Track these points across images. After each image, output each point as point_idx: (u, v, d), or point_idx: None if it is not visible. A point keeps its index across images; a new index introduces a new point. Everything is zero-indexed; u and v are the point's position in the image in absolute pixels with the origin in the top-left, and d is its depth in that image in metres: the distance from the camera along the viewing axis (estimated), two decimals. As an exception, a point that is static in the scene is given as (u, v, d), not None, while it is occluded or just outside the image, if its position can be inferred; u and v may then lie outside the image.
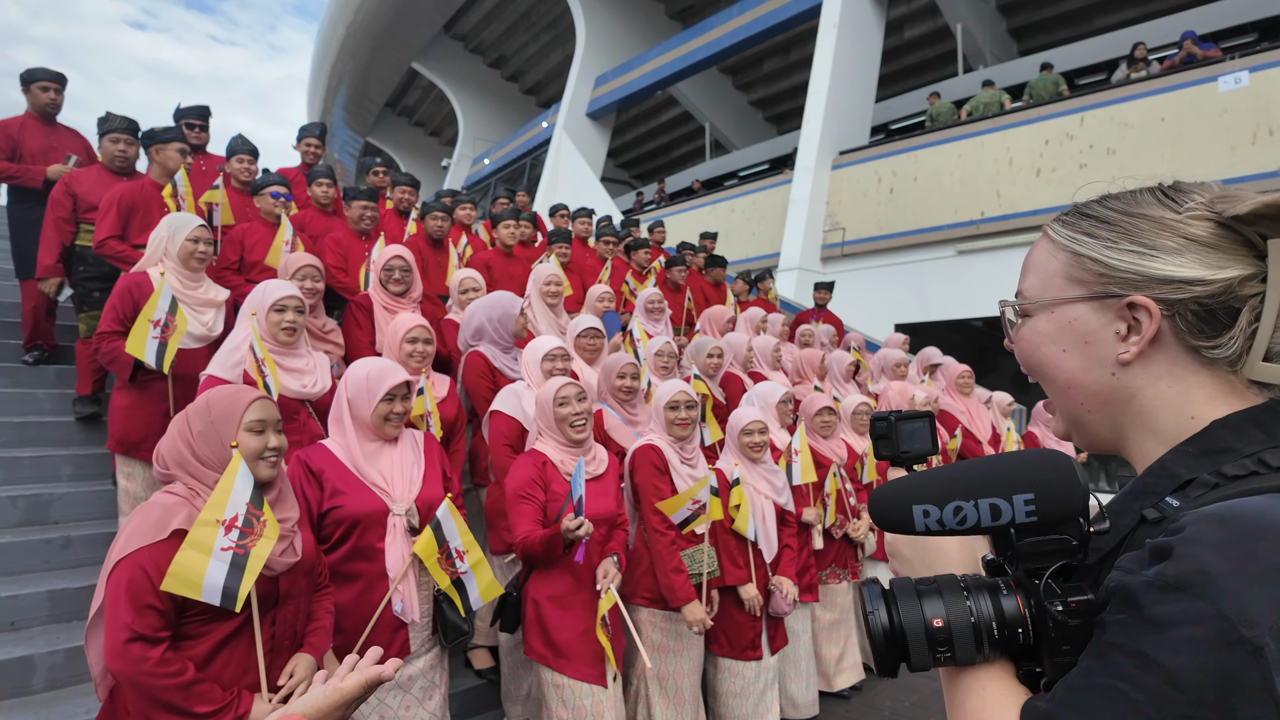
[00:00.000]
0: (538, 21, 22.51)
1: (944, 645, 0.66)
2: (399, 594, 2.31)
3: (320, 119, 29.94)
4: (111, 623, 1.64)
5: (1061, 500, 0.63)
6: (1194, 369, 0.66)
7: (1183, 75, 8.82)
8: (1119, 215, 0.69)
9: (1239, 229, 0.63)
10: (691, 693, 3.02)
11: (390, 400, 2.39)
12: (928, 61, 17.45)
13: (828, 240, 12.14)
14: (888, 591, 0.69)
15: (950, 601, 0.67)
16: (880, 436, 0.76)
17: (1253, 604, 0.49)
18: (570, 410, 2.72)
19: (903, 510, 0.67)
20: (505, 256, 5.36)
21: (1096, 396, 0.70)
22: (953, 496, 0.65)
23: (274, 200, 4.27)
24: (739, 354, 5.00)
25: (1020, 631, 0.65)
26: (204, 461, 1.82)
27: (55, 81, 4.62)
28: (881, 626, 0.67)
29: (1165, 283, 0.65)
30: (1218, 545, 0.52)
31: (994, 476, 0.65)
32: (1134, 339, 0.67)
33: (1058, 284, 0.72)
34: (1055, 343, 0.72)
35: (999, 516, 0.64)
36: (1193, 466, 0.63)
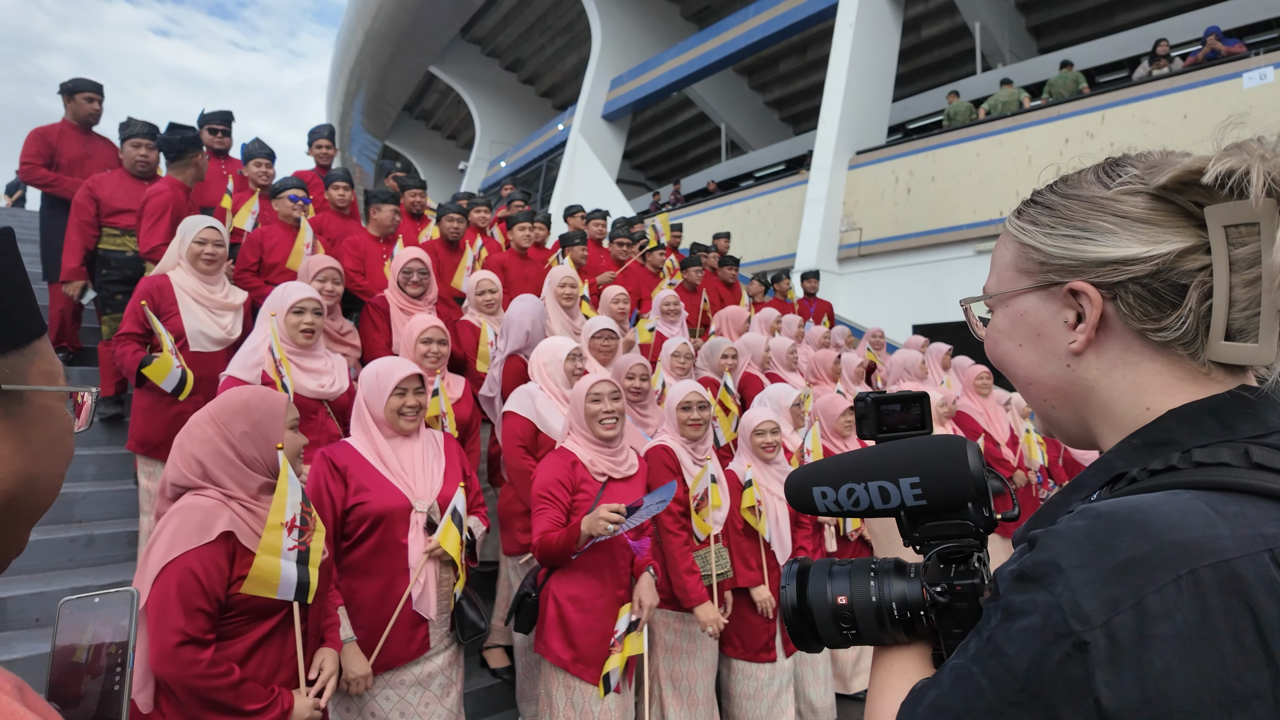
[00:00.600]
0: (554, 24, 22.60)
1: (848, 623, 0.68)
2: (418, 585, 2.34)
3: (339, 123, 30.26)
4: (160, 627, 1.64)
5: (948, 485, 0.64)
6: (1147, 355, 0.62)
7: (1206, 72, 8.68)
8: (1058, 199, 0.66)
9: (1173, 199, 0.59)
10: (705, 694, 3.01)
11: (401, 394, 2.42)
12: (945, 60, 17.32)
13: (844, 240, 12.07)
14: (802, 570, 0.72)
15: (856, 582, 0.68)
16: (861, 417, 0.76)
17: (1089, 599, 0.48)
18: (601, 408, 2.70)
19: (804, 491, 0.70)
20: (520, 258, 5.38)
21: (1056, 391, 0.68)
22: (846, 479, 0.67)
23: (293, 204, 4.32)
24: (756, 355, 4.99)
25: (923, 614, 0.66)
26: (249, 463, 1.84)
27: (98, 93, 4.76)
28: (790, 601, 0.70)
29: (1101, 265, 0.61)
30: (1077, 539, 0.51)
31: (884, 461, 0.66)
32: (1080, 327, 0.64)
33: (1009, 277, 0.70)
34: (1011, 338, 0.70)
35: (888, 499, 0.66)
36: (1131, 460, 0.60)
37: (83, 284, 4.30)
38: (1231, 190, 0.56)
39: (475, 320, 4.12)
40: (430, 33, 23.18)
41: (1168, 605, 0.46)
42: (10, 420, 0.55)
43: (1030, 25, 16.11)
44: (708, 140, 22.87)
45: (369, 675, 2.22)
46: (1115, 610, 0.47)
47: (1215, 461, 0.55)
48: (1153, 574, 0.47)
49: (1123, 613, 0.47)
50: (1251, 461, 0.54)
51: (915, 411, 0.75)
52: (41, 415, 0.58)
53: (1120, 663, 0.46)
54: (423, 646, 2.37)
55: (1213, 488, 0.53)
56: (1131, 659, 0.46)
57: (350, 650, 2.20)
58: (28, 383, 0.56)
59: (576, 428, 2.78)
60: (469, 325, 4.11)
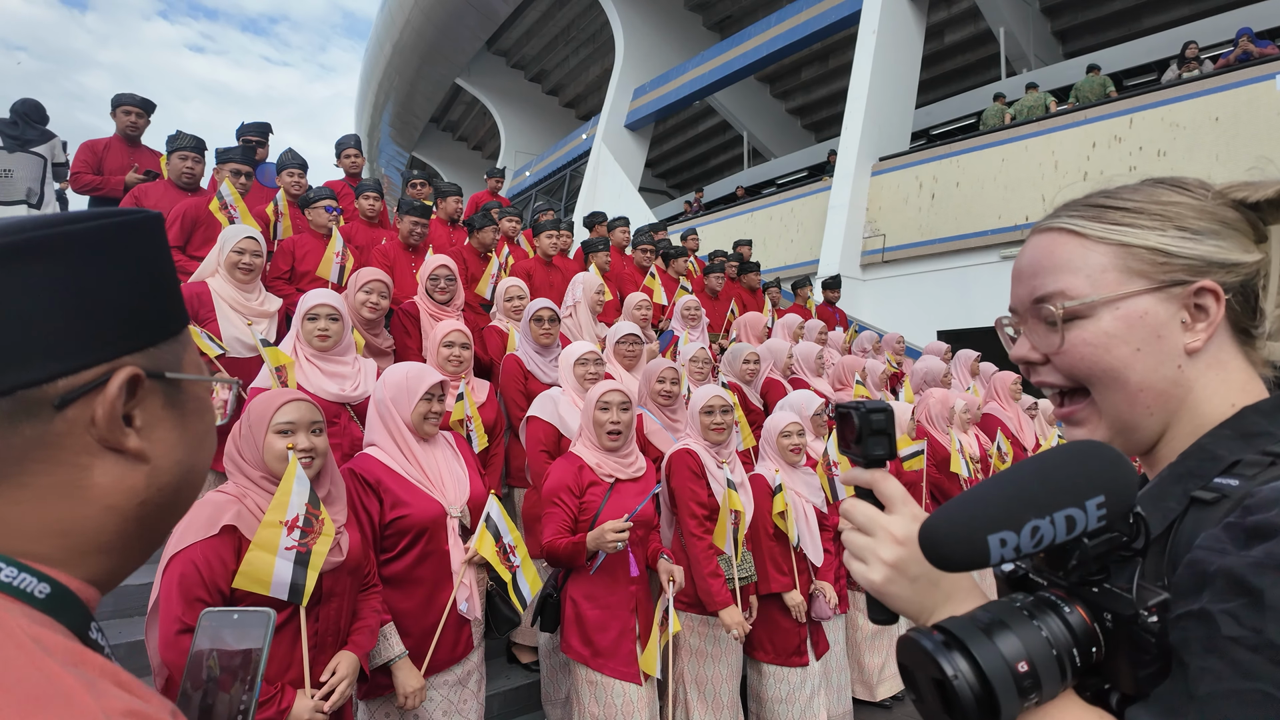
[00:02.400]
0: (577, 36, 22.80)
1: (1034, 689, 0.55)
2: (465, 588, 2.37)
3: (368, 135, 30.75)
4: (165, 615, 1.71)
5: (1127, 495, 0.56)
6: (1234, 354, 0.66)
7: (1237, 74, 8.54)
8: (1151, 204, 0.67)
9: (1247, 214, 0.65)
10: (730, 698, 3.02)
11: (429, 400, 2.44)
12: (969, 66, 17.19)
13: (868, 247, 12.01)
14: (951, 638, 0.56)
15: (1024, 634, 0.55)
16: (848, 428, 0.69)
17: None
18: (608, 416, 2.75)
19: (977, 543, 0.55)
20: (545, 265, 5.46)
21: (1163, 395, 0.66)
22: (1028, 517, 0.55)
23: (328, 215, 4.42)
24: (779, 360, 5.00)
25: (1094, 650, 0.57)
26: (247, 461, 1.93)
27: (139, 107, 4.95)
28: (971, 689, 0.53)
29: (1222, 266, 0.64)
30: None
31: (1062, 484, 0.56)
32: (1200, 325, 0.65)
33: (1113, 278, 0.66)
34: (1127, 342, 0.66)
35: (1074, 528, 0.55)
36: (1235, 449, 0.61)
37: None
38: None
39: (503, 326, 4.19)
40: (456, 45, 23.50)
41: None
42: (173, 410, 0.55)
43: (1056, 30, 15.95)
44: (730, 148, 22.89)
45: (424, 688, 2.23)
46: None
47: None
48: None
49: None
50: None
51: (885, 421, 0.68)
52: (197, 405, 0.57)
53: None
54: (467, 647, 2.42)
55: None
56: None
57: (404, 665, 2.20)
58: (184, 371, 0.56)
59: (585, 432, 2.83)
60: (496, 330, 4.18)
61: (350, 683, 1.97)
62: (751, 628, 3.10)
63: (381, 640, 2.19)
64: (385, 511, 2.29)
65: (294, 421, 1.95)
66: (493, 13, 21.83)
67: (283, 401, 1.96)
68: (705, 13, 20.39)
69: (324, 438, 2.03)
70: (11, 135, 5.33)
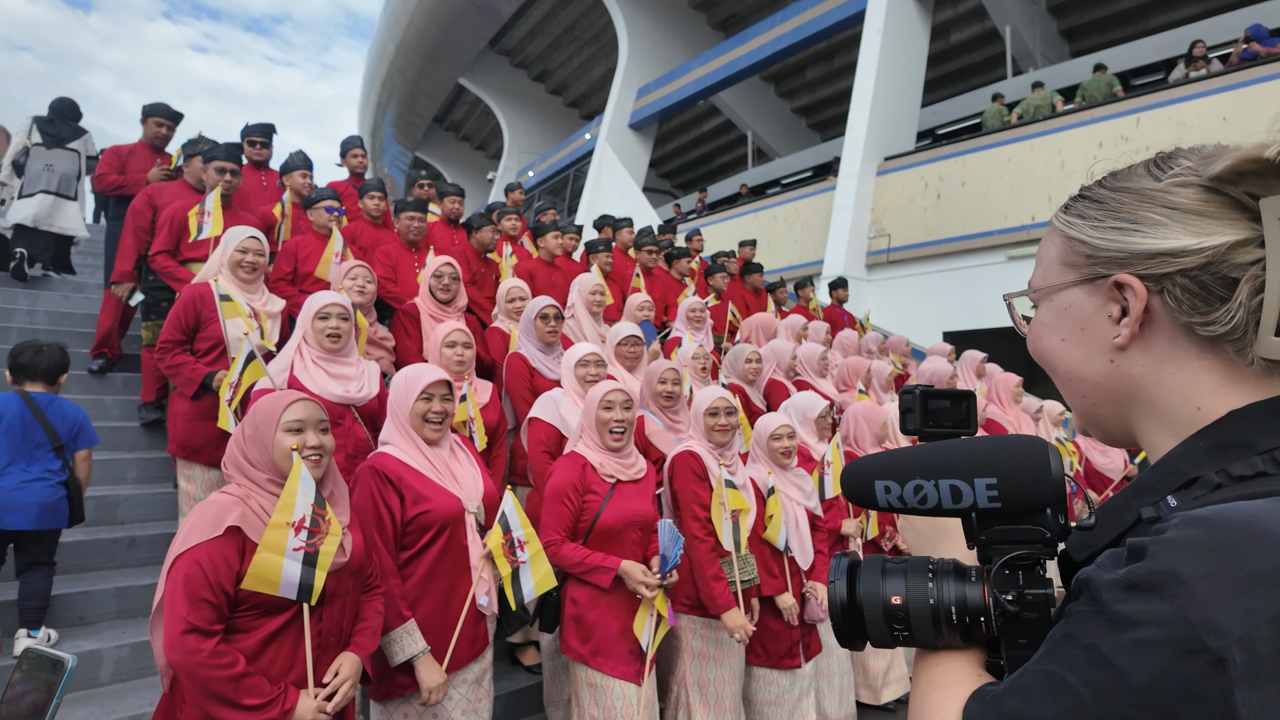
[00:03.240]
0: (581, 35, 22.81)
1: (901, 623, 0.65)
2: (484, 583, 2.38)
3: (371, 135, 30.83)
4: (170, 615, 1.72)
5: (1027, 488, 0.61)
6: (1195, 352, 0.60)
7: (1246, 73, 8.49)
8: (1108, 193, 0.66)
9: (1226, 191, 0.58)
10: (732, 701, 3.00)
11: (427, 400, 2.42)
12: (975, 65, 17.15)
13: (873, 247, 11.98)
14: (854, 565, 0.69)
15: (913, 581, 0.65)
16: (906, 410, 0.74)
17: (1222, 612, 0.45)
18: (612, 416, 2.76)
19: (865, 484, 0.66)
20: (548, 266, 5.44)
21: (1099, 388, 0.66)
22: (914, 475, 0.64)
23: (329, 215, 4.41)
24: (783, 361, 4.98)
25: (982, 620, 0.63)
26: (253, 463, 1.92)
27: (167, 118, 5.17)
28: (839, 598, 0.67)
29: (1149, 257, 0.60)
30: (1195, 548, 0.49)
31: (959, 458, 0.63)
32: (1125, 321, 0.62)
33: (1054, 271, 0.69)
34: (1055, 332, 0.69)
35: (959, 499, 0.62)
36: (1202, 463, 0.58)
37: (132, 286, 4.43)
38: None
39: (505, 327, 4.17)
40: (459, 45, 23.54)
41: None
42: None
43: (1062, 29, 15.90)
44: (734, 148, 22.88)
45: (446, 683, 2.23)
46: (1251, 624, 0.45)
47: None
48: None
49: (1261, 626, 0.45)
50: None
51: (963, 409, 0.73)
52: None
53: (1260, 680, 0.44)
54: (484, 643, 2.42)
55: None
56: (1274, 675, 0.44)
57: (425, 662, 2.20)
58: None
59: (588, 432, 2.82)
60: (499, 331, 4.16)
61: (353, 684, 1.98)
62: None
63: (405, 637, 2.19)
64: (407, 507, 2.29)
65: (303, 420, 1.96)
66: (496, 12, 21.85)
67: (290, 401, 1.97)
68: (709, 12, 20.38)
69: (330, 436, 2.04)
70: (49, 133, 5.64)
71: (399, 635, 2.19)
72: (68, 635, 3.09)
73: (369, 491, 2.26)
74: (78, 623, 3.21)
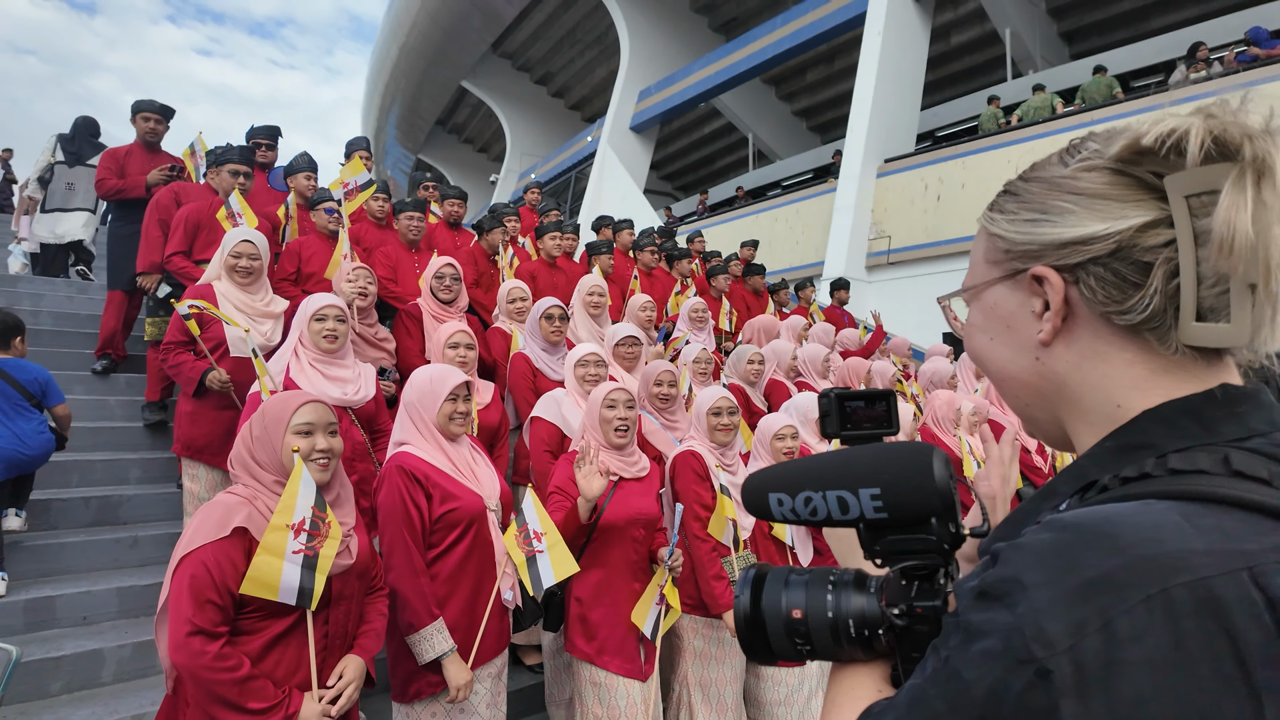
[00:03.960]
0: (583, 38, 22.85)
1: (803, 637, 0.64)
2: (508, 578, 2.40)
3: (374, 137, 30.86)
4: (175, 616, 1.71)
5: (911, 498, 0.59)
6: (1118, 344, 0.57)
7: (1245, 75, 8.50)
8: (1023, 184, 0.63)
9: (1131, 172, 0.54)
10: (734, 700, 3.00)
11: (454, 400, 2.45)
12: (975, 67, 17.16)
13: (873, 248, 11.99)
14: (758, 577, 0.67)
15: (812, 594, 0.64)
16: (824, 414, 0.72)
17: (1054, 620, 0.43)
18: (615, 414, 2.78)
19: (760, 497, 0.65)
20: (549, 267, 5.46)
21: (1028, 387, 0.64)
22: (804, 486, 0.62)
23: (327, 216, 4.43)
24: (783, 362, 4.99)
25: (881, 633, 0.62)
26: (261, 464, 1.92)
27: (156, 113, 5.07)
28: (743, 610, 0.66)
29: (1060, 246, 0.57)
30: (1042, 553, 0.47)
31: (844, 469, 0.61)
32: (1047, 314, 0.59)
33: (980, 269, 0.66)
34: (984, 332, 0.66)
35: (847, 510, 0.61)
36: (1106, 466, 0.55)
37: (159, 278, 4.42)
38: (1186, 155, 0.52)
39: (506, 328, 4.19)
40: (462, 48, 23.58)
41: (1138, 628, 0.42)
42: None
43: (1062, 31, 15.91)
44: (735, 150, 22.89)
45: (473, 680, 2.24)
46: (1081, 634, 0.43)
47: (1192, 469, 0.50)
48: (1121, 593, 0.43)
49: (1089, 636, 0.42)
50: (1231, 469, 0.49)
51: (881, 409, 0.71)
52: None
53: (1087, 692, 0.42)
54: (506, 637, 2.45)
55: (1189, 498, 0.48)
56: (1100, 688, 0.42)
57: (453, 660, 2.21)
58: None
59: (590, 431, 2.83)
60: (500, 332, 4.18)
61: (357, 686, 1.98)
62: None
63: (435, 635, 2.20)
64: (435, 506, 2.30)
65: (312, 422, 1.96)
66: (498, 15, 21.89)
67: (300, 403, 1.97)
68: (711, 15, 20.41)
69: (339, 439, 2.04)
70: (71, 151, 5.94)
71: (429, 633, 2.19)
72: (70, 635, 3.11)
73: (397, 490, 2.26)
74: (80, 622, 3.22)
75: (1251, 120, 0.52)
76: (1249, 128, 0.52)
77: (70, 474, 3.96)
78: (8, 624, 3.08)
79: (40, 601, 3.16)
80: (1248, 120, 0.52)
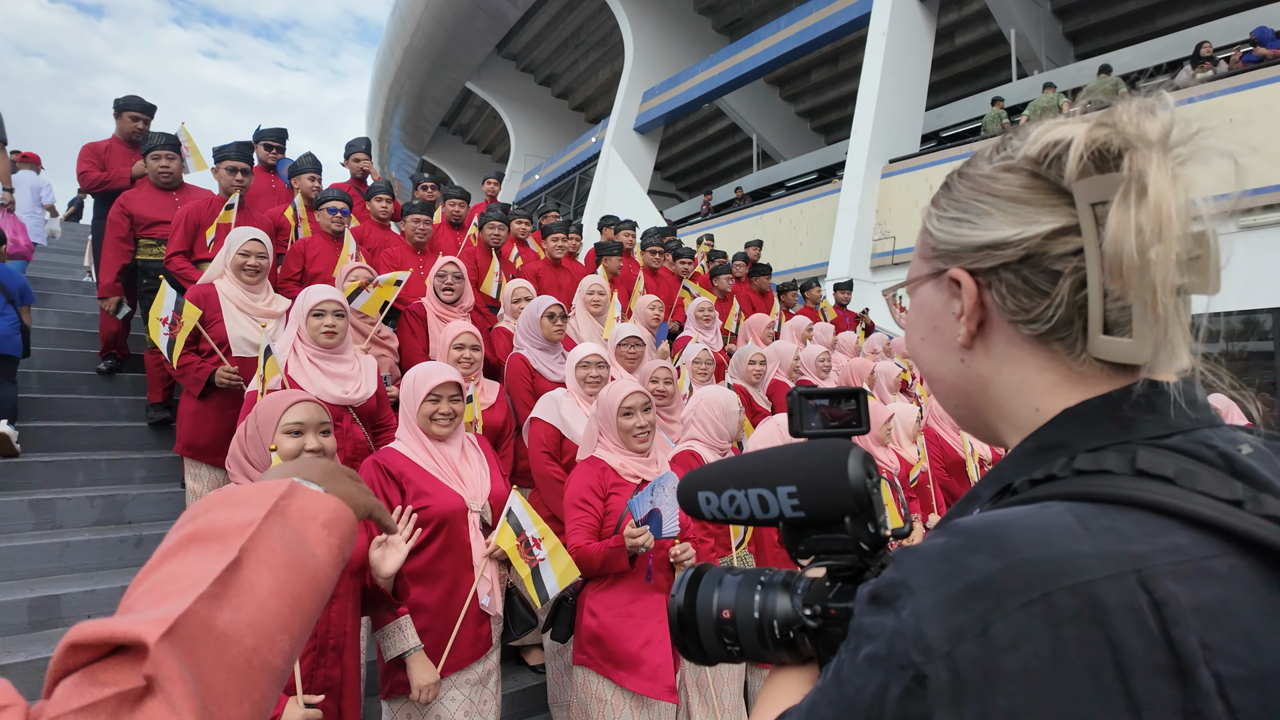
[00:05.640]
0: (587, 39, 22.88)
1: (731, 638, 0.63)
2: (486, 582, 2.36)
3: (379, 139, 30.95)
4: None
5: (826, 496, 0.57)
6: (1029, 350, 0.55)
7: (1252, 75, 8.46)
8: (956, 179, 0.60)
9: (1046, 175, 0.52)
10: (732, 701, 2.98)
11: (435, 401, 2.42)
12: (980, 68, 17.13)
13: (877, 249, 11.98)
14: (695, 577, 0.66)
15: (741, 594, 0.63)
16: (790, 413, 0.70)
17: (933, 625, 0.42)
18: (634, 422, 2.68)
19: (691, 495, 0.64)
20: (554, 267, 5.46)
21: (955, 389, 0.62)
22: (728, 484, 0.62)
23: (331, 215, 4.44)
24: (785, 362, 4.98)
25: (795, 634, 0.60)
26: (253, 463, 1.94)
27: (143, 112, 5.03)
28: (675, 609, 0.65)
29: (976, 250, 0.55)
30: (931, 557, 0.45)
31: (765, 467, 0.60)
32: (963, 318, 0.57)
33: (915, 265, 0.64)
34: (915, 329, 0.64)
35: (767, 509, 0.60)
36: (1023, 467, 0.53)
37: (118, 300, 4.43)
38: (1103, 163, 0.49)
39: (511, 327, 4.19)
40: (466, 49, 23.63)
41: (1016, 634, 0.40)
42: None
43: (1067, 31, 15.87)
44: (739, 151, 22.88)
45: (437, 683, 2.21)
46: (959, 640, 0.41)
47: (1096, 469, 0.48)
48: (1001, 598, 0.41)
49: (966, 642, 0.41)
50: (1135, 468, 0.47)
51: (849, 407, 0.69)
52: None
53: (962, 701, 0.40)
54: (486, 644, 2.40)
55: (1087, 498, 0.46)
56: (974, 697, 0.40)
57: (418, 659, 2.18)
58: None
59: (606, 434, 2.76)
60: (505, 332, 4.18)
61: None
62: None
63: (397, 632, 2.18)
64: (406, 502, 2.29)
65: (303, 422, 1.95)
66: (503, 16, 21.94)
67: (291, 402, 1.97)
68: (715, 15, 20.42)
69: (332, 438, 2.03)
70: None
71: (392, 630, 2.19)
72: (75, 633, 3.11)
73: (369, 484, 2.25)
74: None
75: (1149, 128, 0.49)
76: (1135, 137, 0.49)
77: (75, 473, 3.98)
78: (13, 623, 3.09)
79: (45, 600, 3.17)
80: (1145, 128, 0.49)
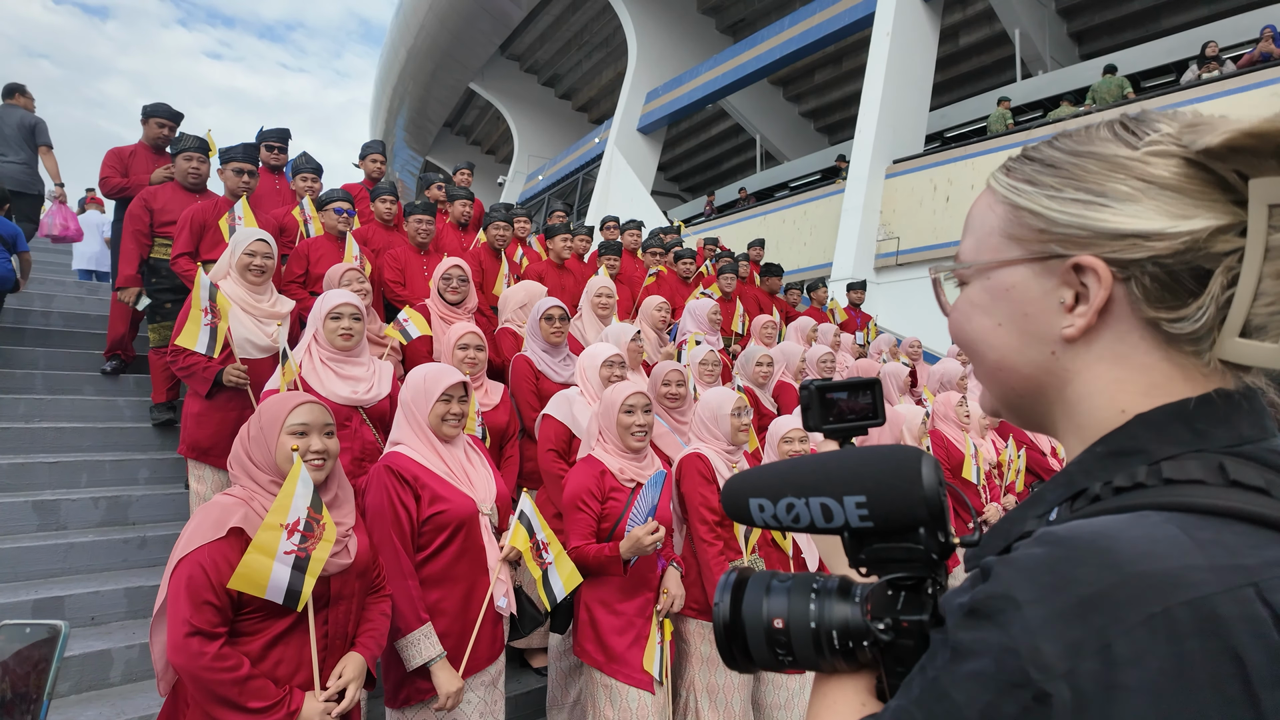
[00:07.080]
0: (590, 40, 22.87)
1: (784, 647, 0.61)
2: (501, 584, 2.36)
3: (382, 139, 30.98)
4: (173, 617, 1.71)
5: (898, 505, 0.56)
6: (1145, 349, 0.52)
7: (1260, 74, 8.42)
8: (1066, 156, 0.55)
9: (1212, 167, 0.48)
10: (742, 706, 2.97)
11: (447, 401, 2.41)
12: (984, 68, 17.09)
13: (881, 250, 11.94)
14: (739, 583, 0.64)
15: (794, 602, 0.61)
16: (805, 407, 0.69)
17: (1050, 642, 0.41)
18: (634, 420, 2.73)
19: (740, 501, 0.62)
20: (558, 268, 5.45)
21: (1030, 380, 0.58)
22: (786, 492, 0.60)
23: (337, 216, 4.43)
24: (792, 364, 4.96)
25: (866, 645, 0.59)
26: (257, 464, 1.92)
27: (169, 118, 5.10)
28: (722, 617, 0.63)
29: (1117, 237, 0.51)
30: (1035, 569, 0.44)
31: (828, 475, 0.58)
32: (1081, 309, 0.53)
33: (994, 244, 0.59)
34: (989, 315, 0.59)
35: (831, 518, 0.58)
36: (1094, 473, 0.51)
37: (138, 290, 4.45)
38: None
39: (515, 328, 4.18)
40: (470, 50, 23.65)
41: (1138, 650, 0.40)
42: None
43: (1072, 31, 15.82)
44: (743, 151, 22.87)
45: (463, 689, 2.20)
46: (1078, 656, 0.41)
47: (1188, 478, 0.47)
48: (1119, 613, 0.41)
49: (1087, 659, 0.40)
50: (1229, 478, 0.46)
51: (865, 399, 0.68)
52: None
53: (1086, 718, 0.40)
54: (500, 645, 2.40)
55: (1186, 509, 0.45)
56: (1098, 713, 0.40)
57: (442, 667, 2.17)
58: None
59: (606, 435, 2.79)
60: (509, 333, 4.17)
61: (358, 684, 1.96)
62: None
63: (422, 640, 2.17)
64: (423, 507, 2.27)
65: (307, 423, 1.95)
66: (506, 17, 21.95)
67: (296, 404, 1.96)
68: (718, 16, 20.40)
69: (335, 440, 2.03)
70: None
71: (416, 638, 2.16)
72: (78, 635, 3.11)
73: (385, 491, 2.23)
74: (89, 623, 3.23)
75: None
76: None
77: (79, 474, 3.97)
78: (16, 624, 3.08)
79: (49, 601, 3.16)
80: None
